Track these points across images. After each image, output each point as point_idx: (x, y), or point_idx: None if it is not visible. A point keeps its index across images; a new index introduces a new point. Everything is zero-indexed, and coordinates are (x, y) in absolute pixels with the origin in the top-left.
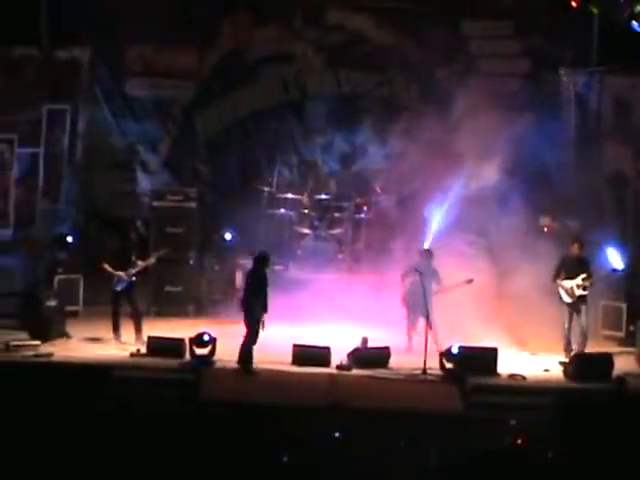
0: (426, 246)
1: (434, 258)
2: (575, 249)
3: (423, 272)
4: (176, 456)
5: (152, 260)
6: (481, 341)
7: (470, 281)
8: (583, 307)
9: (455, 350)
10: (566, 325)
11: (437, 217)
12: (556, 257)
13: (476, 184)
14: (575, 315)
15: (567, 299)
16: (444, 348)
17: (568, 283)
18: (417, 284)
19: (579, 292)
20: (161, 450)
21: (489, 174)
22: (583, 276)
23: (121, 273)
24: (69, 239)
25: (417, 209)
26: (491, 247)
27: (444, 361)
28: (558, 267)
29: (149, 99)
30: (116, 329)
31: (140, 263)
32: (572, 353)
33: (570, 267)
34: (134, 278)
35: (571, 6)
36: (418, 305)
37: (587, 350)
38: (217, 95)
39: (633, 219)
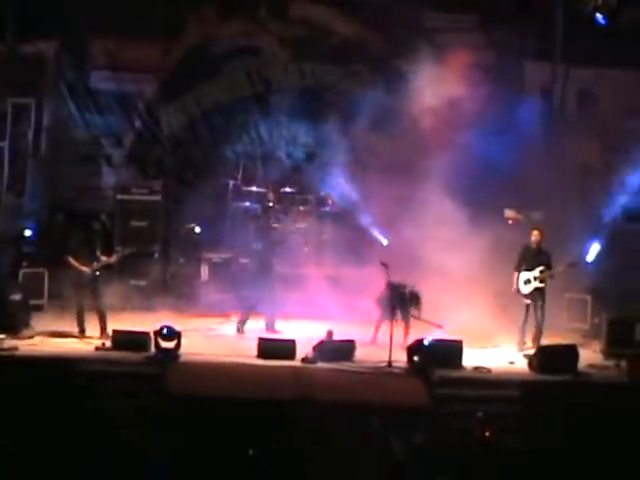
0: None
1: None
2: (534, 236)
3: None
4: (141, 450)
5: (115, 258)
6: (446, 334)
7: (439, 326)
8: (539, 300)
9: (420, 343)
10: (522, 318)
11: (399, 211)
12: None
13: (439, 177)
14: (531, 308)
15: (524, 289)
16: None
17: (526, 275)
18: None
19: (535, 284)
20: (126, 444)
21: (451, 167)
22: (541, 268)
23: (85, 268)
24: (27, 233)
25: (381, 202)
26: (453, 240)
27: (409, 354)
28: (519, 257)
29: (113, 93)
30: (80, 323)
31: (104, 259)
32: (525, 346)
33: (530, 258)
34: (98, 273)
35: None
36: (398, 300)
37: (553, 342)
38: (182, 89)
39: (598, 211)
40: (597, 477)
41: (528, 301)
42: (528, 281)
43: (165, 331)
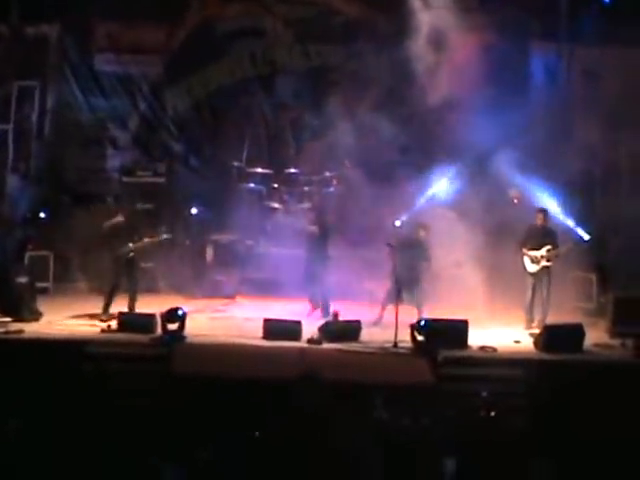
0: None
1: (429, 233)
2: (539, 219)
3: (413, 246)
4: (147, 431)
5: (158, 239)
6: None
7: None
8: (545, 278)
9: (425, 323)
10: (529, 296)
11: (408, 191)
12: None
13: (444, 156)
14: (537, 286)
15: (531, 268)
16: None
17: (534, 253)
18: (408, 258)
19: (542, 263)
20: (132, 425)
21: (455, 146)
22: (548, 247)
23: (122, 249)
24: (42, 215)
25: (388, 182)
26: (461, 218)
27: (415, 334)
28: (524, 236)
29: (118, 75)
30: (108, 301)
31: (146, 240)
32: (533, 325)
33: (536, 237)
34: (132, 254)
35: None
36: (407, 279)
37: (558, 322)
38: (186, 70)
39: (601, 189)
40: (602, 456)
41: (534, 280)
42: (535, 260)
43: (173, 313)
